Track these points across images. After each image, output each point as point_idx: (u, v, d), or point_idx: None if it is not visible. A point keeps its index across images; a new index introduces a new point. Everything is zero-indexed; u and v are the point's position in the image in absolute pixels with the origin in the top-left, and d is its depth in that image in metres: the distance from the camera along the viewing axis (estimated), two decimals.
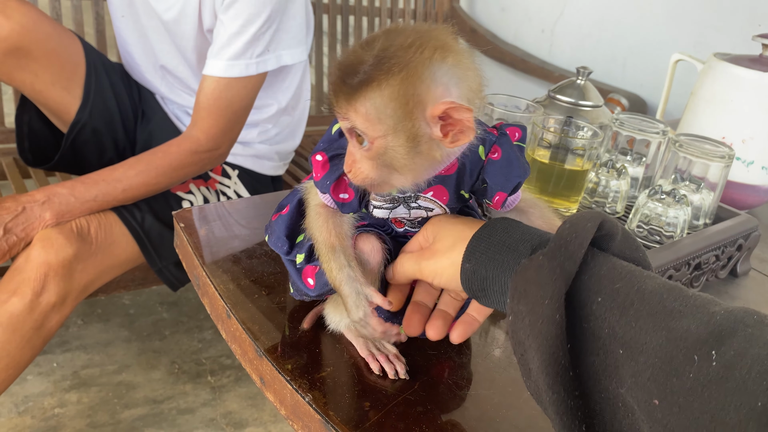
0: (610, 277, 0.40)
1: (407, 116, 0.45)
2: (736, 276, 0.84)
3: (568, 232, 0.41)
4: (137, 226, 1.15)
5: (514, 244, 0.46)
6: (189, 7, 1.15)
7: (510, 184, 0.54)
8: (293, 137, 1.46)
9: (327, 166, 0.53)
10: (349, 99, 0.45)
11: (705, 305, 0.37)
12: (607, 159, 0.82)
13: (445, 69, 0.45)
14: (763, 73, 0.95)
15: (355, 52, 0.45)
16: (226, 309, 0.64)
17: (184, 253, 0.76)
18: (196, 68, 1.27)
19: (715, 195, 0.80)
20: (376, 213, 0.56)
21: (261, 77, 1.17)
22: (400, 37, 0.44)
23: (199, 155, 1.16)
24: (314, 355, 0.59)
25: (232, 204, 0.86)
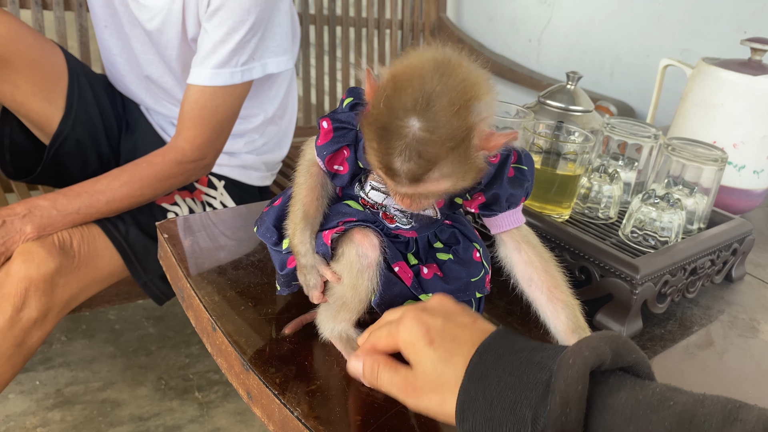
0: (619, 423, 0.38)
1: (469, 164, 0.48)
2: (732, 281, 0.83)
3: (561, 408, 0.38)
4: (121, 238, 1.12)
5: (511, 406, 0.41)
6: (172, 16, 1.14)
7: (492, 188, 0.55)
8: (280, 147, 1.44)
9: (330, 135, 0.54)
10: (418, 181, 0.47)
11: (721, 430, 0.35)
12: (599, 164, 0.81)
13: (483, 106, 0.47)
14: (752, 77, 0.94)
15: (400, 127, 0.45)
16: (211, 321, 0.62)
17: (169, 264, 0.74)
18: (181, 78, 1.25)
19: (708, 199, 0.79)
20: (372, 195, 0.57)
21: (246, 86, 1.15)
22: (442, 100, 0.45)
23: (185, 165, 1.14)
24: (303, 367, 0.57)
25: (217, 214, 0.84)
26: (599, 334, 0.42)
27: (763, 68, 0.96)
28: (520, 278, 0.58)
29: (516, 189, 0.56)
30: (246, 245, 0.77)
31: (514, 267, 0.58)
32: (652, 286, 0.67)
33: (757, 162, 0.98)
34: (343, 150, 0.55)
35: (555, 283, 0.57)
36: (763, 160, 0.98)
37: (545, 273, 0.57)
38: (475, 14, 2.45)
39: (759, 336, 0.73)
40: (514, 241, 0.58)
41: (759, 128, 0.95)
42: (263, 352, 0.58)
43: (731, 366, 0.67)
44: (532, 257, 0.57)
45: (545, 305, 0.57)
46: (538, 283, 0.57)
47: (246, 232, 0.80)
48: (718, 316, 0.75)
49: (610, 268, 0.67)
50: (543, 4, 2.21)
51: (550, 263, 0.58)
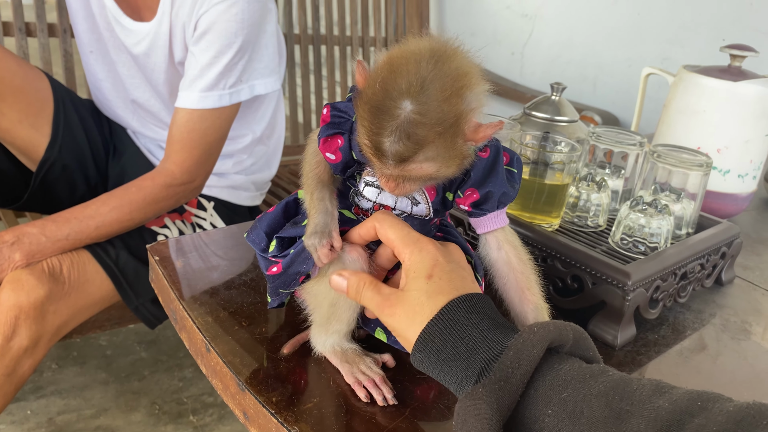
0: (556, 387, 0.41)
1: (456, 149, 0.49)
2: (722, 284, 0.84)
3: (511, 361, 0.42)
4: (111, 263, 1.12)
5: (467, 352, 0.45)
6: (159, 40, 1.14)
7: (486, 186, 0.56)
8: (269, 167, 1.44)
9: (327, 119, 0.56)
10: (405, 162, 0.48)
11: (650, 399, 0.38)
12: (586, 173, 0.82)
13: (473, 96, 0.48)
14: (733, 83, 0.96)
15: (393, 102, 0.46)
16: (205, 343, 0.62)
17: (160, 287, 0.73)
18: (168, 101, 1.26)
19: (695, 204, 0.80)
20: (366, 192, 0.57)
21: (235, 108, 1.16)
22: (435, 85, 0.46)
23: (174, 189, 1.14)
24: (299, 385, 0.57)
25: (208, 234, 0.83)
26: (568, 323, 0.45)
27: (743, 74, 0.98)
28: (496, 276, 0.59)
29: (508, 189, 0.56)
30: (238, 265, 0.77)
31: (493, 264, 0.59)
32: (644, 291, 0.68)
33: (741, 166, 0.99)
34: (337, 138, 0.55)
35: (528, 285, 0.57)
36: (747, 164, 0.99)
37: (521, 274, 0.58)
38: (458, 29, 2.48)
39: (751, 338, 0.73)
40: (496, 240, 0.59)
41: (741, 133, 0.97)
42: (258, 371, 0.58)
43: (726, 369, 0.67)
44: (511, 257, 0.58)
45: (516, 305, 0.58)
46: (513, 283, 0.58)
47: (237, 251, 0.80)
48: (710, 319, 0.76)
49: (602, 276, 0.68)
50: (524, 18, 2.24)
51: (528, 265, 0.58)
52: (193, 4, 1.07)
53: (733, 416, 0.35)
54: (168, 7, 1.10)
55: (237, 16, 1.06)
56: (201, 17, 1.07)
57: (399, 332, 0.50)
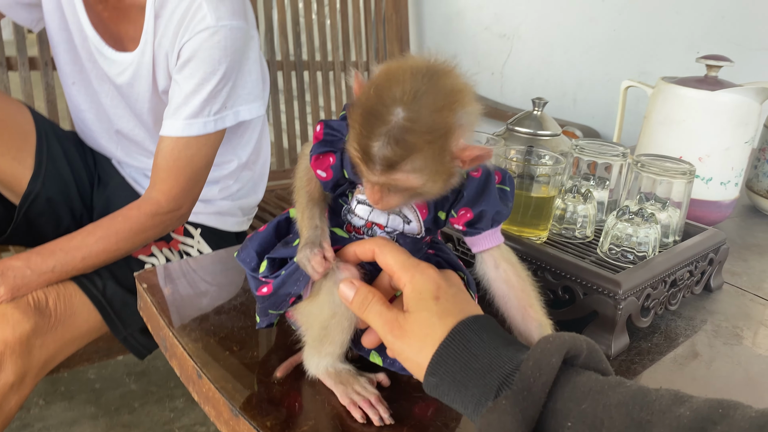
0: (575, 399, 0.40)
1: (444, 164, 0.50)
2: (711, 291, 0.84)
3: (532, 371, 0.41)
4: (98, 294, 1.11)
5: (483, 370, 0.44)
6: (142, 70, 1.14)
7: (480, 205, 0.56)
8: (255, 192, 1.44)
9: (320, 136, 0.56)
10: (391, 168, 0.48)
11: (670, 408, 0.38)
12: (571, 185, 0.83)
13: (465, 115, 0.49)
14: (710, 92, 0.97)
15: (385, 109, 0.47)
16: (196, 369, 0.61)
17: (149, 315, 0.72)
18: (153, 130, 1.25)
19: (681, 212, 0.81)
20: (358, 210, 0.57)
21: (220, 134, 1.16)
22: (428, 97, 0.47)
23: (161, 217, 1.13)
24: (293, 409, 0.56)
25: (196, 260, 0.83)
26: (579, 335, 0.45)
27: (720, 83, 0.99)
28: (496, 295, 0.58)
29: (502, 207, 0.57)
30: (226, 290, 0.76)
31: (492, 284, 0.59)
32: (635, 300, 0.68)
33: (723, 173, 1.00)
34: (329, 156, 0.56)
35: (530, 302, 0.57)
36: (729, 172, 1.01)
37: (522, 291, 0.57)
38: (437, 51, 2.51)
39: (743, 343, 0.73)
40: (493, 259, 0.59)
41: (721, 141, 0.98)
42: (252, 396, 0.57)
43: (720, 374, 0.67)
44: (509, 275, 0.58)
45: (519, 323, 0.57)
46: (514, 302, 0.57)
47: (226, 276, 0.79)
48: (701, 326, 0.76)
49: (593, 285, 0.68)
50: (503, 38, 2.28)
51: (527, 282, 0.58)
52: (176, 33, 1.08)
53: (756, 422, 0.35)
54: (151, 37, 1.10)
55: (220, 43, 1.07)
56: (184, 45, 1.07)
57: (407, 356, 0.48)
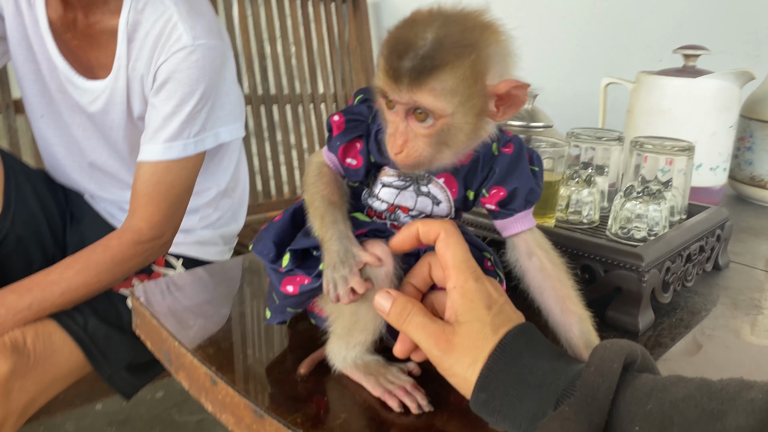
0: (638, 402, 0.38)
1: (476, 94, 0.46)
2: (720, 269, 0.84)
3: (594, 377, 0.39)
4: (80, 330, 1.04)
5: (538, 384, 0.41)
6: (116, 96, 1.11)
7: (512, 181, 0.53)
8: (236, 220, 1.40)
9: (342, 126, 0.54)
10: (421, 80, 0.45)
11: (738, 394, 0.36)
12: (573, 172, 0.82)
13: (501, 49, 0.47)
14: (692, 79, 0.99)
15: (411, 34, 0.46)
16: (209, 376, 0.56)
17: (149, 329, 0.67)
18: (128, 159, 1.21)
19: (684, 190, 0.80)
20: (382, 194, 0.54)
21: (200, 157, 1.12)
22: (456, 23, 0.46)
23: (143, 245, 1.08)
24: (322, 404, 0.52)
25: (192, 273, 0.78)
26: (632, 341, 0.43)
27: (699, 71, 1.01)
28: (531, 285, 0.55)
29: (534, 185, 0.54)
30: (228, 298, 0.72)
31: (526, 273, 0.55)
32: (657, 273, 0.66)
33: (712, 159, 1.01)
34: (356, 142, 0.54)
35: (568, 294, 0.54)
36: (717, 157, 1.02)
37: (558, 281, 0.54)
38: None
39: (764, 312, 0.72)
40: (526, 244, 0.55)
41: (707, 126, 0.99)
42: (275, 395, 0.53)
43: (750, 342, 0.66)
44: (544, 263, 0.55)
45: (558, 316, 0.54)
46: (551, 292, 0.54)
47: (228, 285, 0.75)
48: (719, 300, 0.75)
49: (614, 261, 0.66)
50: None
51: (562, 270, 0.55)
52: (151, 55, 1.05)
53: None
54: (124, 61, 1.07)
55: (198, 62, 1.04)
56: (160, 67, 1.04)
57: (456, 371, 0.45)
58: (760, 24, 1.56)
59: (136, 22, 1.05)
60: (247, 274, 0.81)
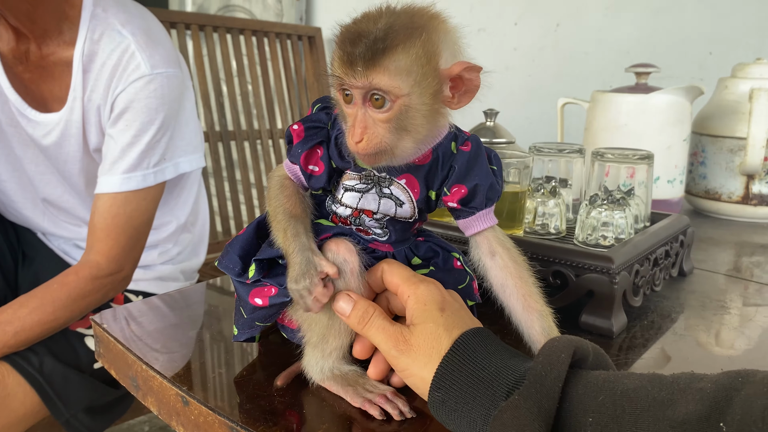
0: (591, 393, 0.40)
1: (430, 74, 0.47)
2: (685, 275, 0.85)
3: (542, 367, 0.40)
4: (35, 372, 0.99)
5: (490, 379, 0.42)
6: (71, 128, 1.08)
7: (472, 178, 0.54)
8: (197, 254, 1.36)
9: (302, 134, 0.53)
10: (375, 61, 0.46)
11: (689, 385, 0.38)
12: (537, 184, 0.83)
13: (450, 37, 0.49)
14: (646, 95, 1.02)
15: (363, 24, 0.47)
16: (180, 396, 0.54)
17: (114, 356, 0.64)
18: (84, 194, 1.18)
19: (646, 198, 0.82)
20: (345, 198, 0.54)
21: (160, 188, 1.10)
22: (404, 13, 0.48)
23: (101, 281, 1.04)
24: (301, 417, 0.50)
25: (159, 298, 0.76)
26: (584, 339, 0.44)
27: (651, 88, 1.05)
28: (493, 283, 0.56)
29: (494, 182, 0.55)
30: (196, 320, 0.70)
31: (488, 272, 0.56)
32: (627, 275, 0.67)
33: (668, 172, 1.04)
34: (317, 149, 0.53)
35: (529, 291, 0.55)
36: (673, 170, 1.05)
37: (519, 279, 0.55)
38: None
39: (731, 312, 0.74)
40: (488, 242, 0.56)
41: (662, 140, 1.02)
42: (252, 410, 0.51)
43: (721, 337, 0.66)
44: (506, 261, 0.55)
45: (520, 313, 0.54)
46: (513, 290, 0.55)
47: (195, 309, 0.73)
48: (688, 303, 0.76)
49: (585, 266, 0.66)
50: None
51: (524, 268, 0.56)
52: (108, 85, 1.03)
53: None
54: (80, 93, 1.05)
55: (156, 92, 1.03)
56: (118, 97, 1.03)
57: (413, 371, 0.46)
58: (703, 50, 1.64)
59: (92, 52, 1.03)
60: (213, 297, 0.78)
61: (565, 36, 1.92)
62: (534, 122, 2.01)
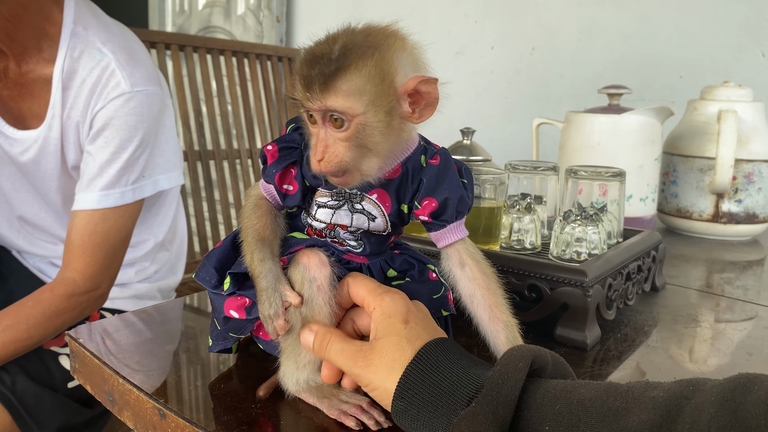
0: (548, 403, 0.40)
1: (384, 92, 0.48)
2: (657, 290, 0.87)
3: (500, 375, 0.41)
4: (7, 391, 0.97)
5: (451, 388, 0.43)
6: (50, 146, 1.08)
7: (442, 191, 0.55)
8: (174, 273, 1.36)
9: (276, 155, 0.54)
10: (328, 83, 0.47)
11: (643, 394, 0.39)
12: (513, 200, 0.84)
13: (406, 56, 0.50)
14: (618, 116, 1.05)
15: (321, 46, 0.48)
16: (157, 409, 0.54)
17: (89, 371, 0.64)
18: (61, 211, 1.17)
19: (619, 215, 0.84)
20: (319, 214, 0.55)
21: (138, 205, 1.09)
22: (361, 32, 0.49)
23: (77, 298, 1.03)
24: (279, 428, 0.50)
25: (135, 314, 0.75)
26: (544, 348, 0.45)
27: (624, 109, 1.08)
28: (462, 294, 0.57)
29: (464, 194, 0.56)
30: (173, 335, 0.70)
31: (458, 283, 0.57)
32: (601, 288, 0.68)
33: (641, 190, 1.06)
34: (291, 168, 0.54)
35: (496, 302, 0.56)
36: (645, 188, 1.07)
37: (487, 290, 0.56)
38: None
39: (702, 324, 0.75)
40: (458, 254, 0.57)
41: (635, 159, 1.05)
42: (230, 422, 0.51)
43: (692, 350, 0.68)
44: (475, 273, 0.56)
45: (486, 323, 0.56)
46: (480, 301, 0.56)
47: (173, 323, 0.72)
48: (660, 316, 0.77)
49: (559, 279, 0.68)
50: None
51: (492, 279, 0.57)
52: (88, 102, 1.03)
53: (726, 387, 0.36)
54: (59, 110, 1.05)
55: (136, 109, 1.03)
56: (97, 114, 1.03)
57: (376, 384, 0.46)
58: (673, 73, 1.69)
59: (72, 70, 1.03)
60: (190, 313, 0.78)
61: (540, 59, 1.96)
62: (510, 143, 2.04)
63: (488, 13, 2.06)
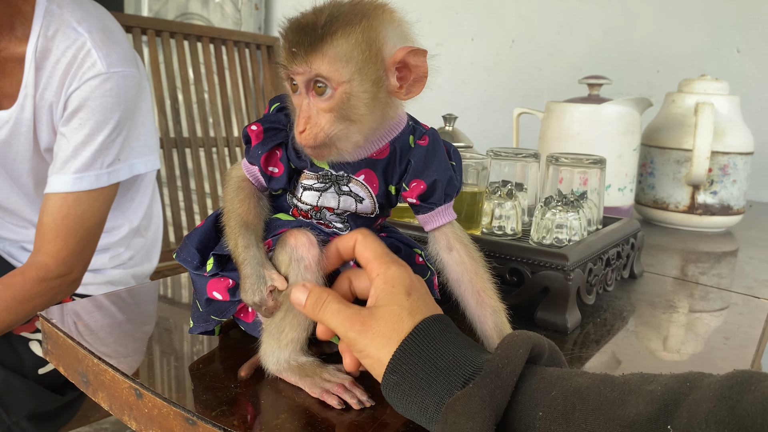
0: (543, 389, 0.40)
1: (371, 61, 0.47)
2: (635, 277, 0.88)
3: (500, 359, 0.41)
4: None
5: (447, 368, 0.43)
6: (22, 126, 1.05)
7: (431, 173, 0.54)
8: (149, 259, 1.33)
9: (261, 136, 0.53)
10: (314, 48, 0.46)
11: (639, 386, 0.39)
12: (495, 187, 0.84)
13: (394, 27, 0.49)
14: (598, 105, 1.05)
15: (308, 16, 0.48)
16: (134, 389, 0.52)
17: (62, 352, 0.62)
18: (33, 194, 1.14)
19: (599, 202, 0.84)
20: (305, 197, 0.54)
21: (113, 189, 1.07)
22: (348, 4, 0.48)
23: (49, 283, 1.01)
24: (260, 407, 0.50)
25: (108, 296, 0.74)
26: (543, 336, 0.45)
27: (603, 99, 1.08)
28: (450, 278, 0.56)
29: (453, 176, 0.55)
30: (150, 316, 0.68)
31: (445, 266, 0.57)
32: (581, 273, 0.69)
33: (619, 179, 1.07)
34: (276, 150, 0.53)
35: (484, 287, 0.55)
36: (624, 178, 1.08)
37: (475, 275, 0.56)
38: None
39: (679, 311, 0.76)
40: (446, 238, 0.57)
41: (613, 149, 1.06)
42: (209, 401, 0.50)
43: (672, 334, 0.69)
44: (463, 257, 0.56)
45: (474, 308, 0.55)
46: (468, 285, 0.55)
47: (151, 305, 0.71)
48: (639, 302, 0.78)
49: (540, 263, 0.68)
50: None
51: (479, 263, 0.56)
52: (62, 83, 1.01)
53: (724, 384, 0.36)
54: (31, 90, 1.02)
55: (112, 91, 1.01)
56: (72, 95, 1.00)
57: (369, 352, 0.45)
58: (651, 67, 1.70)
59: (46, 49, 1.01)
60: (169, 293, 0.77)
61: (519, 52, 1.96)
62: (489, 135, 2.05)
63: (469, 5, 2.06)
